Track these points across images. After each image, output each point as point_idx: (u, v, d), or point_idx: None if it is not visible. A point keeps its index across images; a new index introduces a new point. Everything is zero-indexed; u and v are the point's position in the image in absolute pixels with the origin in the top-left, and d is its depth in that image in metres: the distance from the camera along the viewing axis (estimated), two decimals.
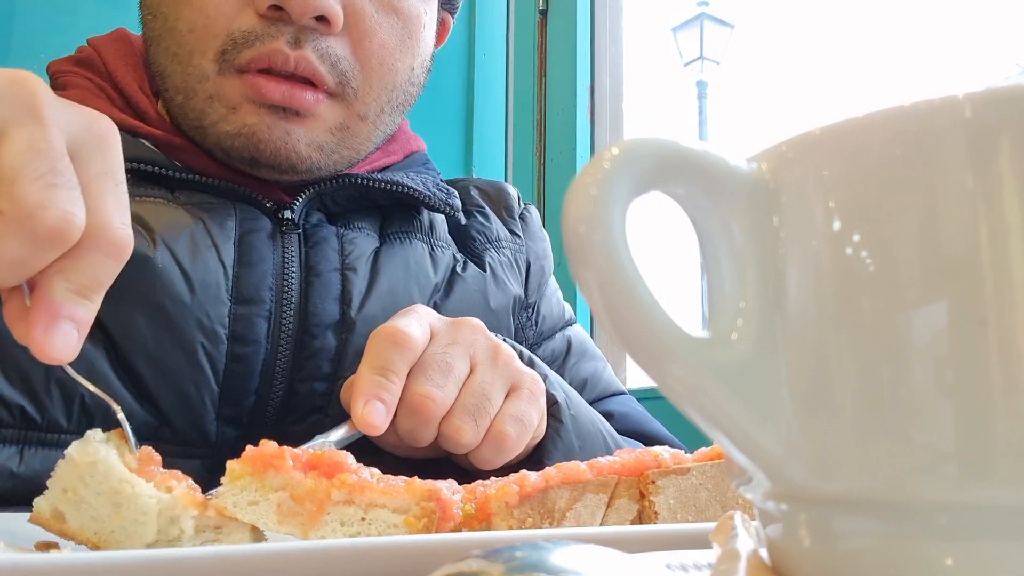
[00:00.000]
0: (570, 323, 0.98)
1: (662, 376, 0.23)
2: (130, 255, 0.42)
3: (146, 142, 0.80)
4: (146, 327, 0.70)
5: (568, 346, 0.95)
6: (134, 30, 0.87)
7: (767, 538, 0.26)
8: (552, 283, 1.00)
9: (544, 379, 0.71)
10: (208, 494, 0.46)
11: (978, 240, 0.21)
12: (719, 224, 0.24)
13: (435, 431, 0.63)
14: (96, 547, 0.42)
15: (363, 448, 0.65)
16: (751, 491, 0.26)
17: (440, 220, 0.92)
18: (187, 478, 0.45)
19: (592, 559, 0.21)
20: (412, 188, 0.87)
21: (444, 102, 1.81)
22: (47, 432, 0.67)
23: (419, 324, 0.65)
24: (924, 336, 0.21)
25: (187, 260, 0.72)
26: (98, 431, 0.44)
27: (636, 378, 1.57)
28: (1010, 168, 0.21)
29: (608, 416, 0.83)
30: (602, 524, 0.48)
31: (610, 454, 0.52)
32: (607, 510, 0.49)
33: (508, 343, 0.72)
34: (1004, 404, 0.21)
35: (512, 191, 1.03)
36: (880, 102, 0.23)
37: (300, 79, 0.76)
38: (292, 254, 0.79)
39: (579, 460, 0.50)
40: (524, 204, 1.02)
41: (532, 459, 0.69)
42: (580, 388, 0.89)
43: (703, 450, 0.52)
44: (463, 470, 0.70)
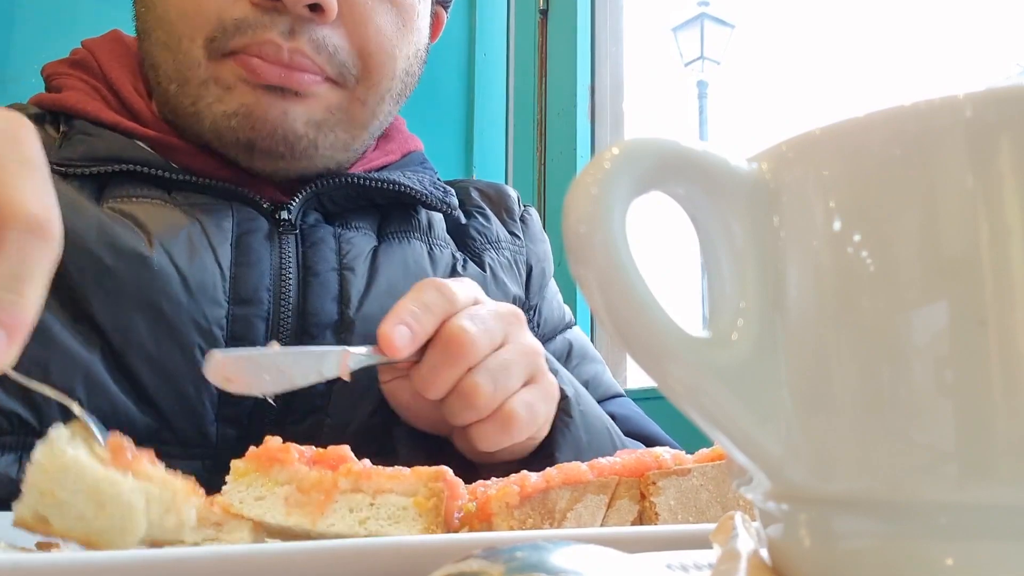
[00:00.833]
0: (570, 326, 0.98)
1: (662, 376, 0.23)
2: (60, 238, 0.37)
3: (141, 143, 0.79)
4: (145, 329, 0.69)
5: (569, 349, 0.94)
6: (133, 31, 0.86)
7: (767, 538, 0.26)
8: (552, 286, 1.00)
9: (555, 374, 0.71)
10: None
11: (978, 240, 0.21)
12: (719, 224, 0.24)
13: (455, 378, 0.63)
14: (89, 545, 0.41)
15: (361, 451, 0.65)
16: (751, 491, 0.26)
17: (438, 219, 0.91)
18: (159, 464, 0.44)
19: (593, 560, 0.21)
20: (409, 187, 0.86)
21: (444, 102, 1.81)
22: None
23: (466, 287, 0.66)
24: (924, 336, 0.21)
25: (184, 262, 0.72)
26: (61, 428, 0.42)
27: (636, 378, 1.57)
28: (1010, 168, 0.21)
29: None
30: (603, 525, 0.48)
31: (615, 451, 0.52)
32: (608, 511, 0.49)
33: None
34: (1004, 404, 0.21)
35: (512, 193, 1.02)
36: (880, 102, 0.23)
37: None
38: (289, 254, 0.78)
39: (587, 455, 0.50)
40: (524, 206, 1.02)
41: (538, 455, 0.69)
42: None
43: (704, 451, 0.52)
44: (463, 468, 0.70)
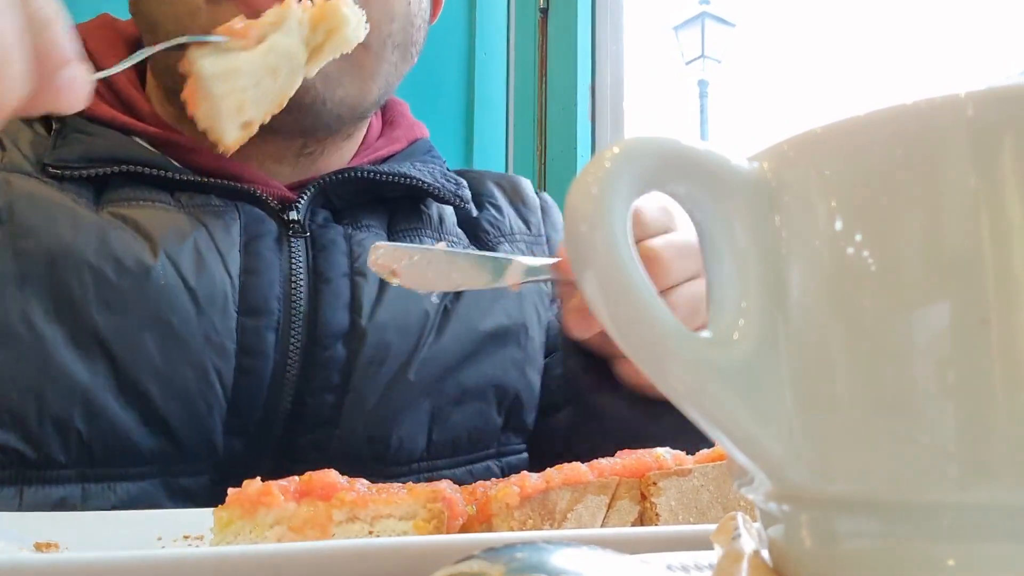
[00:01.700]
0: None
1: (663, 376, 0.23)
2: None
3: (140, 140, 0.77)
4: (153, 345, 0.67)
5: None
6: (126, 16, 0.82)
7: (769, 539, 0.26)
8: None
9: None
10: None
11: (980, 239, 0.21)
12: (721, 223, 0.24)
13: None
14: None
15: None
16: (752, 492, 0.25)
17: (449, 212, 0.89)
18: None
19: (593, 561, 0.21)
20: (420, 179, 0.84)
21: (445, 101, 1.81)
22: (45, 469, 0.65)
23: (657, 212, 0.66)
24: (926, 336, 0.21)
25: (191, 273, 0.70)
26: None
27: None
28: (1012, 167, 0.21)
29: None
30: (603, 525, 0.48)
31: None
32: (608, 511, 0.49)
33: None
34: (1006, 404, 0.20)
35: (526, 182, 0.99)
36: (882, 101, 0.23)
37: None
38: (300, 259, 0.76)
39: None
40: (539, 194, 0.99)
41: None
42: None
43: (705, 451, 0.52)
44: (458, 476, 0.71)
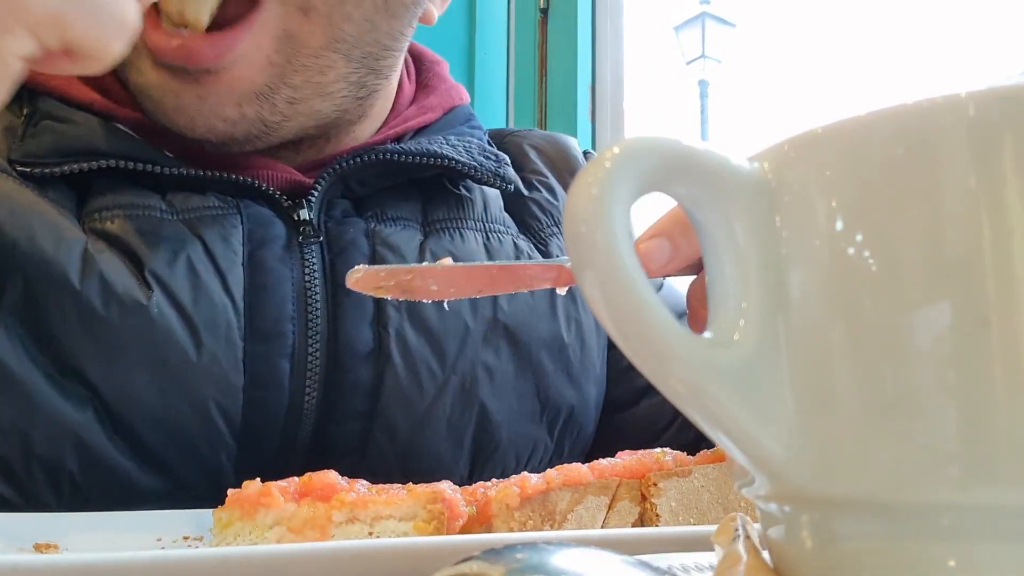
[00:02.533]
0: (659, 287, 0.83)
1: (664, 377, 0.23)
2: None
3: (123, 127, 0.66)
4: (147, 386, 0.59)
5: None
6: None
7: (769, 540, 0.26)
8: None
9: None
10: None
11: (981, 239, 0.21)
12: (721, 224, 0.24)
13: None
14: None
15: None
16: (753, 492, 0.25)
17: (494, 196, 0.76)
18: None
19: (593, 561, 0.21)
20: (454, 159, 0.71)
21: None
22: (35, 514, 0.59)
23: None
24: (927, 336, 0.21)
25: (187, 299, 0.60)
26: None
27: None
28: (1013, 167, 0.21)
29: None
30: (603, 526, 0.48)
31: None
32: (608, 512, 0.49)
33: None
34: (1007, 405, 0.20)
35: (573, 144, 0.85)
36: (882, 101, 0.23)
37: None
38: (314, 267, 0.65)
39: None
40: (588, 154, 0.85)
41: None
42: None
43: (705, 452, 0.52)
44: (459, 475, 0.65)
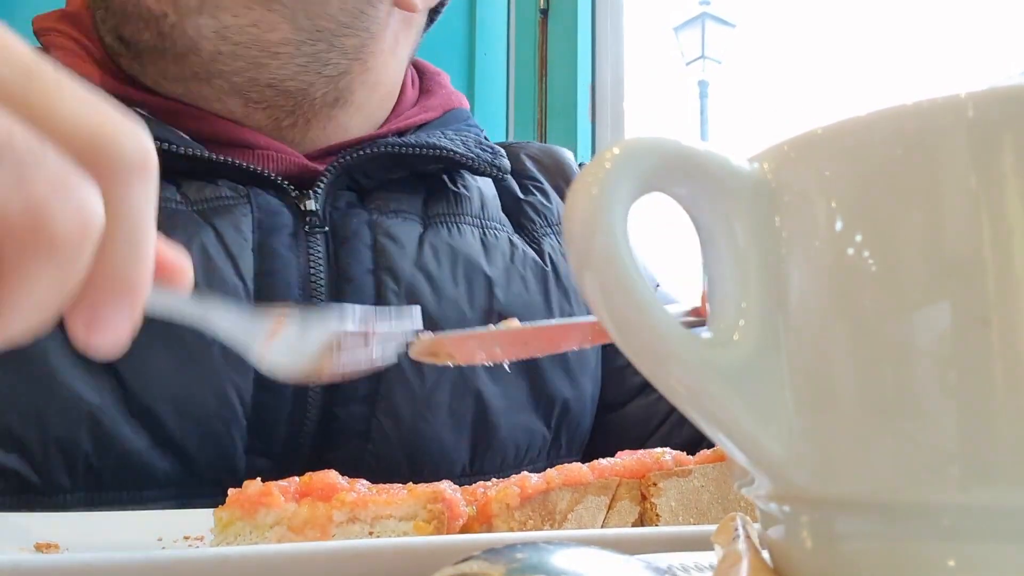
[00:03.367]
0: (656, 287, 0.87)
1: (664, 377, 0.23)
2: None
3: (141, 111, 0.69)
4: (165, 365, 0.62)
5: None
6: None
7: (769, 540, 0.26)
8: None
9: None
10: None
11: (981, 239, 0.21)
12: (721, 224, 0.24)
13: None
14: None
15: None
16: (753, 492, 0.25)
17: (492, 196, 0.80)
18: None
19: (593, 561, 0.21)
20: (450, 149, 0.75)
21: None
22: (49, 495, 0.60)
23: None
24: (927, 336, 0.21)
25: (201, 281, 0.63)
26: None
27: None
28: (1013, 167, 0.21)
29: None
30: (603, 526, 0.48)
31: None
32: (608, 512, 0.49)
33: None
34: (1007, 405, 0.20)
35: (568, 156, 0.90)
36: (882, 101, 0.23)
37: None
38: (319, 256, 0.69)
39: None
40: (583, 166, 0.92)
41: None
42: None
43: (705, 452, 0.52)
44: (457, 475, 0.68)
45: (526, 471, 0.62)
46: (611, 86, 1.81)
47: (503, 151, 0.81)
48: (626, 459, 0.50)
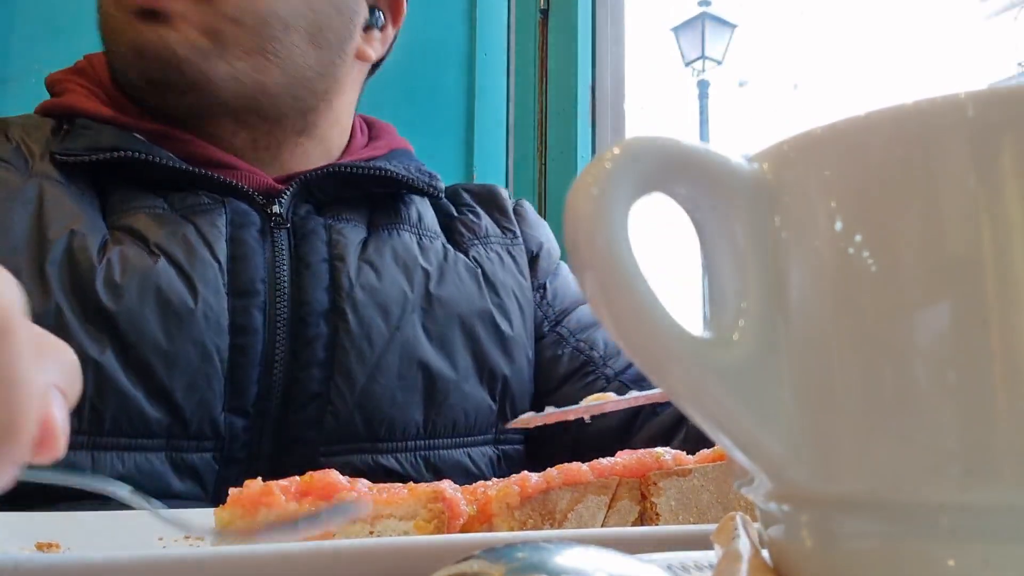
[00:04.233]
0: None
1: (664, 377, 0.23)
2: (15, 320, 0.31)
3: (138, 135, 0.85)
4: (157, 325, 0.74)
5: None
6: None
7: (769, 539, 0.26)
8: (564, 266, 1.04)
9: None
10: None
11: (980, 240, 0.21)
12: (721, 224, 0.24)
13: None
14: None
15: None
16: (753, 492, 0.25)
17: (428, 212, 0.96)
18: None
19: (593, 560, 0.21)
20: (395, 172, 0.92)
21: (445, 102, 1.81)
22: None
23: None
24: (926, 336, 0.21)
25: (184, 260, 0.77)
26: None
27: None
28: (1012, 168, 0.21)
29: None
30: (603, 525, 0.48)
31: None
32: (608, 511, 0.49)
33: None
34: (1007, 404, 0.20)
35: (502, 190, 1.07)
36: (882, 101, 0.23)
37: None
38: (282, 247, 0.84)
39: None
40: (516, 200, 1.06)
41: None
42: (616, 352, 0.95)
43: (705, 452, 0.52)
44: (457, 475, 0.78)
45: (480, 438, 0.80)
46: (611, 86, 1.81)
47: (438, 175, 0.98)
48: (626, 459, 0.50)
